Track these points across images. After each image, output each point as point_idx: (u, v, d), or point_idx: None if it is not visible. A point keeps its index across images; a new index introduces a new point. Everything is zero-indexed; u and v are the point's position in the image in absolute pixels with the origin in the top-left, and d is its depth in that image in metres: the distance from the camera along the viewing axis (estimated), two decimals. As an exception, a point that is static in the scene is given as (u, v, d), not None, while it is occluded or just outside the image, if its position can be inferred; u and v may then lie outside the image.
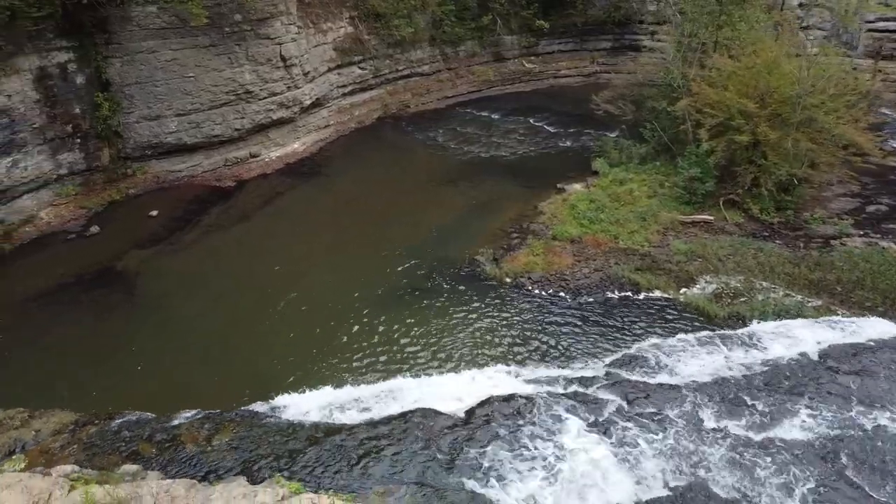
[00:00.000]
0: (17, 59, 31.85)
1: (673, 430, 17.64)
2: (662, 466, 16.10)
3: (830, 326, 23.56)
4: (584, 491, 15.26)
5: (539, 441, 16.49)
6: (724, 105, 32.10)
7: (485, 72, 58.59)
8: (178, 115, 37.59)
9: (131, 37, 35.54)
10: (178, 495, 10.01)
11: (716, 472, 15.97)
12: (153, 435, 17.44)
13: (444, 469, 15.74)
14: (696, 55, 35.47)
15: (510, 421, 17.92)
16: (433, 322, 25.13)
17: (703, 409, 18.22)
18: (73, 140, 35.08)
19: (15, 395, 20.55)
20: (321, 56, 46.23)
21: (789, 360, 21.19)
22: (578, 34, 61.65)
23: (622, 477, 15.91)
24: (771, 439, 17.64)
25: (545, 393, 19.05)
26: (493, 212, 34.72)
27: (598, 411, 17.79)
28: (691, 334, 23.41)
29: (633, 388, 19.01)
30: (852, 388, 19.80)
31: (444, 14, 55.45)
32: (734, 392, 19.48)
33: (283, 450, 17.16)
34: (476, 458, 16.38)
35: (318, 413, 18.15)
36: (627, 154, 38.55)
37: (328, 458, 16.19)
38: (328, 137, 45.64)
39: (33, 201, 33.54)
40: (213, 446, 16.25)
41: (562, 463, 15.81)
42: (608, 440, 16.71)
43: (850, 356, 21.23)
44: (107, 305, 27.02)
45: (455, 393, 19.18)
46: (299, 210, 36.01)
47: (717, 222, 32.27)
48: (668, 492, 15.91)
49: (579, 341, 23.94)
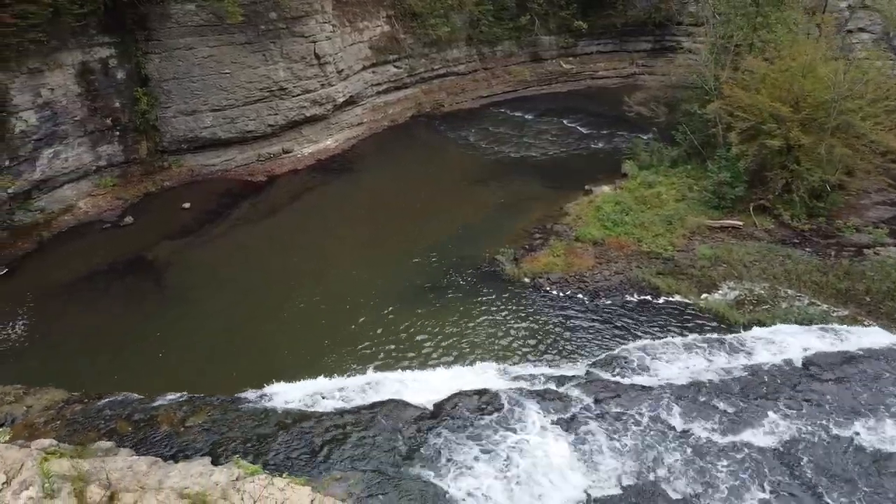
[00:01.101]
0: (60, 54, 33.12)
1: (636, 430, 17.66)
2: (619, 465, 16.08)
3: (823, 334, 23.29)
4: (536, 486, 15.35)
5: (499, 436, 16.64)
6: (756, 108, 31.41)
7: (521, 72, 58.41)
8: (213, 111, 38.55)
9: (170, 33, 36.61)
10: (140, 471, 10.41)
11: (671, 474, 15.90)
12: (132, 415, 18.19)
13: (403, 458, 16.08)
14: (729, 57, 34.75)
15: (474, 415, 18.15)
16: (443, 319, 25.28)
17: (671, 411, 18.10)
18: (113, 133, 36.32)
19: (35, 373, 21.65)
20: (356, 54, 46.78)
21: (772, 366, 21.00)
22: (618, 35, 60.89)
23: (577, 474, 15.94)
24: (735, 443, 17.55)
25: (518, 389, 19.15)
26: (519, 212, 34.67)
27: (565, 409, 17.81)
28: (679, 337, 23.29)
29: (604, 387, 19.00)
30: (830, 396, 19.65)
31: (481, 14, 55.49)
32: (707, 396, 19.40)
33: (251, 434, 17.71)
34: (435, 449, 16.60)
35: (300, 401, 18.61)
36: (658, 157, 38.03)
37: (293, 444, 16.67)
38: (361, 135, 46.15)
39: (73, 191, 34.82)
40: (187, 428, 16.87)
41: (517, 458, 15.96)
42: (569, 438, 16.75)
43: (836, 364, 21.00)
44: (136, 294, 27.94)
45: (436, 387, 19.33)
46: (327, 206, 36.55)
47: (746, 228, 31.59)
48: (620, 490, 16.00)
49: (580, 341, 23.85)
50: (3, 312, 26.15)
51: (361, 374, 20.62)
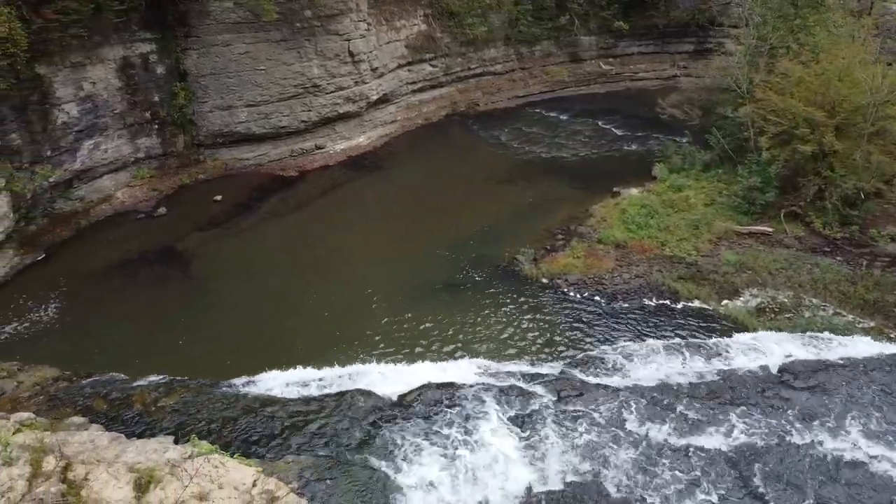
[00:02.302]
0: (102, 49, 34.34)
1: (591, 429, 17.66)
2: (567, 463, 16.11)
3: (809, 341, 22.98)
4: (481, 479, 15.51)
5: (454, 429, 16.83)
6: (790, 112, 30.64)
7: (559, 72, 58.04)
8: (248, 106, 39.43)
9: (208, 30, 37.61)
10: (101, 445, 10.88)
11: (618, 473, 15.85)
12: (110, 393, 18.91)
13: (357, 446, 16.49)
14: (763, 59, 33.92)
15: (434, 408, 18.35)
16: (453, 315, 25.49)
17: (630, 412, 17.98)
18: (151, 126, 37.49)
19: (58, 354, 22.71)
20: (392, 53, 47.20)
21: (746, 371, 20.74)
22: (660, 36, 59.98)
23: (523, 469, 16.05)
24: (689, 446, 17.43)
25: (484, 385, 19.31)
26: (544, 212, 34.58)
27: (525, 406, 17.85)
28: (661, 340, 23.12)
29: (569, 386, 18.94)
30: (796, 403, 19.40)
31: (520, 13, 55.37)
32: (671, 398, 19.26)
33: (217, 416, 18.31)
34: (389, 439, 16.86)
35: (280, 388, 19.10)
36: (690, 160, 37.39)
37: (255, 427, 17.23)
38: (393, 133, 46.57)
39: (112, 181, 36.07)
40: (158, 408, 17.51)
41: (467, 451, 16.18)
42: (521, 433, 16.81)
43: (811, 372, 20.67)
44: (163, 282, 28.86)
45: (410, 380, 19.52)
46: (354, 202, 37.07)
47: (775, 234, 30.87)
48: (562, 486, 15.99)
49: (582, 342, 23.75)
50: (38, 296, 27.30)
51: (349, 365, 20.96)
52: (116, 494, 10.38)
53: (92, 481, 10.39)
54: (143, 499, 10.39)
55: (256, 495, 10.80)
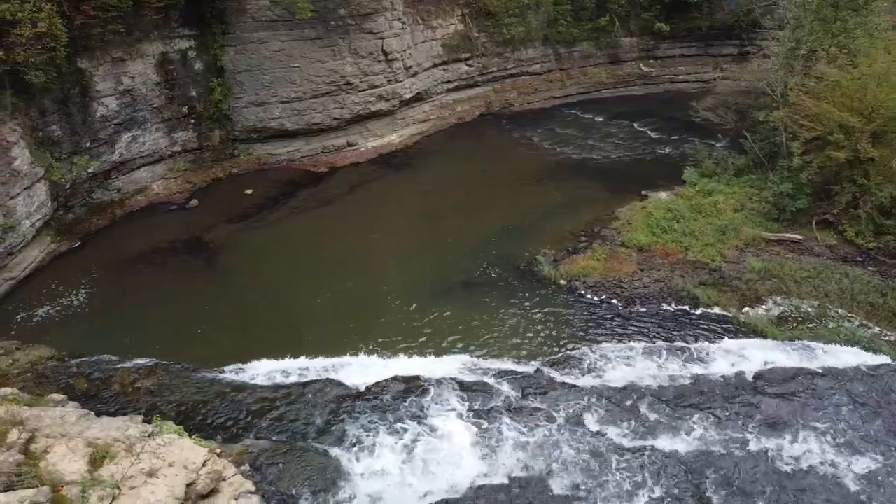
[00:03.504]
0: (142, 45, 35.49)
1: (547, 426, 17.65)
2: (516, 458, 16.11)
3: (793, 350, 22.64)
4: (431, 470, 15.57)
5: (413, 420, 16.98)
6: (824, 117, 29.73)
7: (598, 73, 57.48)
8: (282, 102, 40.20)
9: (245, 27, 38.51)
10: (69, 421, 11.34)
11: (565, 471, 15.78)
12: (93, 373, 19.61)
13: (315, 432, 16.85)
14: (799, 63, 32.98)
15: (396, 399, 18.61)
16: (460, 313, 25.59)
17: (590, 412, 17.88)
18: (188, 120, 38.55)
19: (81, 335, 23.81)
20: (427, 52, 47.50)
21: (720, 377, 20.44)
22: (702, 38, 58.74)
23: (473, 462, 16.13)
24: (644, 447, 17.30)
25: (452, 379, 19.41)
26: (570, 214, 34.38)
27: (486, 401, 17.90)
28: (642, 343, 22.99)
29: (535, 384, 18.79)
30: (763, 410, 19.09)
31: (559, 14, 55.00)
32: (635, 400, 19.11)
33: (189, 399, 18.93)
34: (348, 427, 17.11)
35: (263, 377, 19.55)
36: (723, 165, 36.57)
37: (222, 411, 17.72)
38: (426, 131, 46.83)
39: (148, 173, 37.22)
40: (135, 389, 18.12)
41: (421, 442, 16.23)
42: (477, 428, 16.79)
43: (786, 380, 20.32)
44: (189, 272, 29.74)
45: (388, 372, 19.68)
46: (381, 199, 37.43)
47: (806, 242, 30.02)
48: (507, 481, 16.03)
49: (585, 344, 23.53)
50: (70, 281, 28.40)
51: (336, 357, 21.29)
52: (71, 467, 10.91)
53: (51, 454, 10.94)
54: (95, 472, 10.89)
55: (204, 474, 11.22)
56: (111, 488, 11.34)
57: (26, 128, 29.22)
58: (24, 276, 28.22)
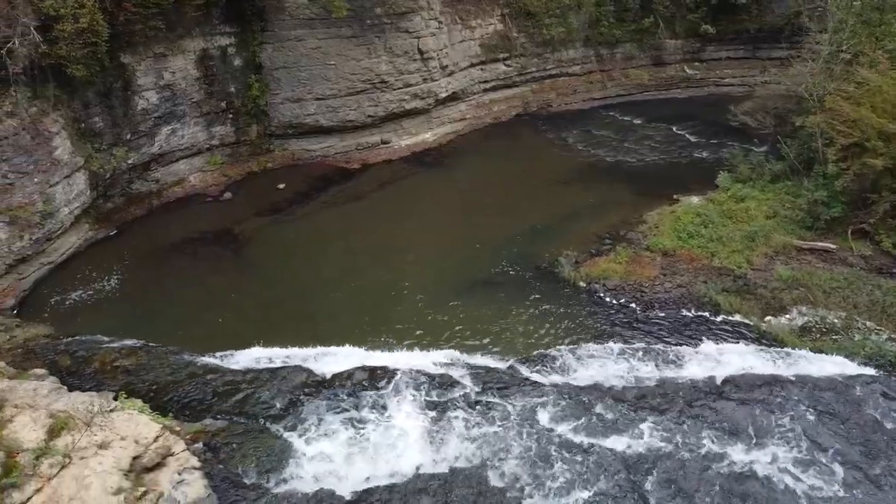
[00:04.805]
0: (184, 41, 36.57)
1: (499, 420, 17.67)
2: (462, 450, 16.20)
3: (774, 357, 22.24)
4: (377, 457, 15.85)
5: (369, 408, 17.32)
6: (863, 123, 28.73)
7: (639, 75, 56.66)
8: (317, 99, 40.88)
9: (283, 25, 39.30)
10: (40, 394, 11.92)
11: (507, 463, 15.84)
12: (77, 351, 20.28)
13: (274, 415, 17.16)
14: (840, 67, 31.92)
15: (357, 388, 18.82)
16: (470, 309, 25.75)
17: (546, 408, 17.82)
18: (226, 115, 39.56)
19: (101, 320, 24.76)
20: (465, 51, 47.60)
21: (688, 380, 20.15)
22: (751, 41, 57.28)
23: (420, 451, 16.26)
24: (592, 445, 17.25)
25: (418, 371, 19.61)
26: (597, 216, 34.10)
27: (445, 394, 18.01)
28: (620, 343, 22.75)
29: (496, 379, 18.69)
30: (722, 415, 18.85)
31: (601, 14, 54.45)
32: (594, 399, 19.01)
33: (162, 379, 19.48)
34: (306, 411, 17.46)
35: (247, 362, 19.98)
36: (759, 171, 35.64)
37: (191, 392, 18.35)
38: (460, 130, 46.96)
39: (186, 166, 38.35)
40: (113, 367, 18.75)
41: (373, 430, 16.59)
42: (430, 419, 16.85)
43: (753, 387, 19.94)
44: (217, 262, 30.61)
45: (370, 362, 19.96)
46: (410, 196, 37.78)
47: (839, 252, 29.09)
48: (447, 471, 16.11)
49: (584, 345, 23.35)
50: (103, 267, 29.52)
51: (323, 346, 21.69)
52: (30, 436, 11.57)
53: (14, 423, 11.56)
54: (51, 442, 11.47)
55: (153, 449, 11.74)
56: (62, 457, 12.17)
57: (68, 119, 30.45)
58: (62, 260, 29.44)
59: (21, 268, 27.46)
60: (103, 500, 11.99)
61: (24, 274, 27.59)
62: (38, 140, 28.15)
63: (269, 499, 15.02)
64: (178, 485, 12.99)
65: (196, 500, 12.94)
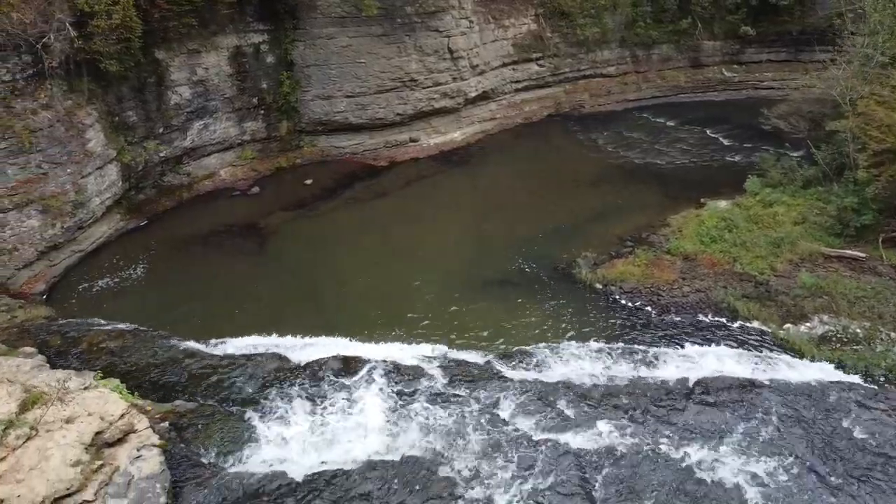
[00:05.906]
0: (217, 38, 37.46)
1: (459, 412, 17.74)
2: (416, 438, 16.36)
3: (757, 361, 21.90)
4: (336, 442, 16.08)
5: (336, 396, 17.57)
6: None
7: (676, 77, 55.80)
8: (347, 97, 41.40)
9: (314, 23, 39.93)
10: (23, 371, 12.41)
11: (458, 454, 15.91)
12: (69, 332, 20.89)
13: (241, 398, 17.68)
14: (874, 69, 30.95)
15: (327, 375, 19.07)
16: (479, 306, 25.84)
17: (508, 402, 17.83)
18: (258, 111, 40.35)
19: (123, 307, 25.66)
20: (497, 51, 47.59)
21: (659, 381, 19.81)
22: (792, 43, 55.76)
23: (377, 439, 16.42)
24: (547, 440, 17.17)
25: (390, 362, 19.83)
26: (620, 218, 33.75)
27: (411, 384, 18.07)
28: (600, 343, 22.65)
29: (464, 372, 18.73)
30: (686, 417, 18.61)
31: (637, 15, 53.83)
32: (559, 396, 18.95)
33: (144, 362, 20.01)
34: (271, 396, 17.78)
35: (234, 349, 20.44)
36: (790, 175, 34.78)
37: (167, 374, 18.96)
38: (490, 130, 46.99)
39: (217, 160, 39.24)
40: (100, 349, 19.30)
41: (335, 417, 16.81)
42: (392, 408, 16.95)
43: (724, 390, 19.50)
44: (240, 254, 31.29)
45: (360, 354, 20.46)
46: (434, 194, 38.01)
47: (869, 261, 28.15)
48: (398, 459, 16.26)
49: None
50: (131, 257, 30.47)
51: (316, 337, 22.07)
52: (3, 408, 12.04)
53: None
54: (21, 415, 11.97)
55: (117, 426, 12.15)
56: (29, 429, 12.81)
57: (102, 112, 31.47)
58: (92, 249, 30.46)
59: (52, 255, 28.50)
60: (62, 471, 12.62)
61: (55, 261, 28.64)
62: (72, 132, 29.14)
63: (222, 477, 15.46)
64: (134, 460, 13.55)
65: (150, 475, 13.40)
